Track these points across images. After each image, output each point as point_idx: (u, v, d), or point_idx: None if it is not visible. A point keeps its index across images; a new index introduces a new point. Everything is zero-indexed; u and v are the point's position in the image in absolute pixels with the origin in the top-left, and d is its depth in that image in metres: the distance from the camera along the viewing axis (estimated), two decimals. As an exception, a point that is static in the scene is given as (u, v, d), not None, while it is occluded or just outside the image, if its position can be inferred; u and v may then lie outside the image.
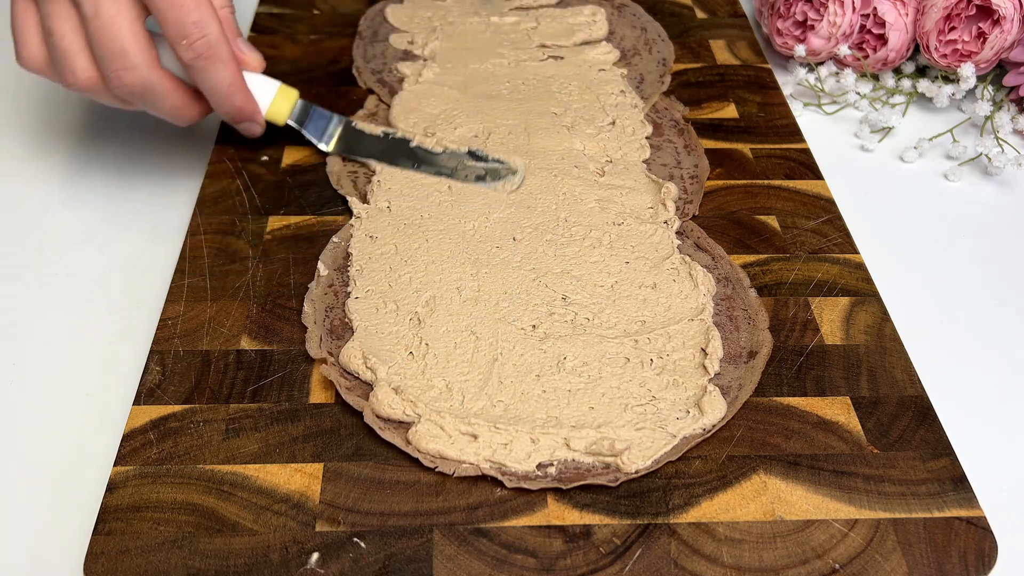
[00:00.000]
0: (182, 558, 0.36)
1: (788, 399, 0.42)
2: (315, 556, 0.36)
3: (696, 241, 0.50)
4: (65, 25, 0.46)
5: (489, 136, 0.56)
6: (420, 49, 0.64)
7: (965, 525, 0.38)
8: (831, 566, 0.36)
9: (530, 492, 0.38)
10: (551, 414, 0.41)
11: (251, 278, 0.47)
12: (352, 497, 0.38)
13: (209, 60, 0.48)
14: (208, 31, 0.47)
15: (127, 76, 0.47)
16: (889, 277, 0.51)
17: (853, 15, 0.63)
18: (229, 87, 0.49)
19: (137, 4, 0.46)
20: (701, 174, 0.54)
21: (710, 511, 0.38)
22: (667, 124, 0.59)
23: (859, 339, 0.45)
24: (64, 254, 0.52)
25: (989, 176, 0.60)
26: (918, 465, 0.40)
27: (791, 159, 0.57)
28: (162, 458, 0.39)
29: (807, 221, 0.52)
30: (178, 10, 0.46)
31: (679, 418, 0.41)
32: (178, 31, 0.46)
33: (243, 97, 0.51)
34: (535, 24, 0.67)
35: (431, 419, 0.40)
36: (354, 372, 0.42)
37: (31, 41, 0.48)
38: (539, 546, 0.37)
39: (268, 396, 0.42)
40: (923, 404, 0.42)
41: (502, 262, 0.48)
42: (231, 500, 0.38)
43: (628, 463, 0.39)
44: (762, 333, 0.45)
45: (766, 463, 0.40)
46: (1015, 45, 0.61)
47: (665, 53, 0.65)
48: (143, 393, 0.42)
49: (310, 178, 0.54)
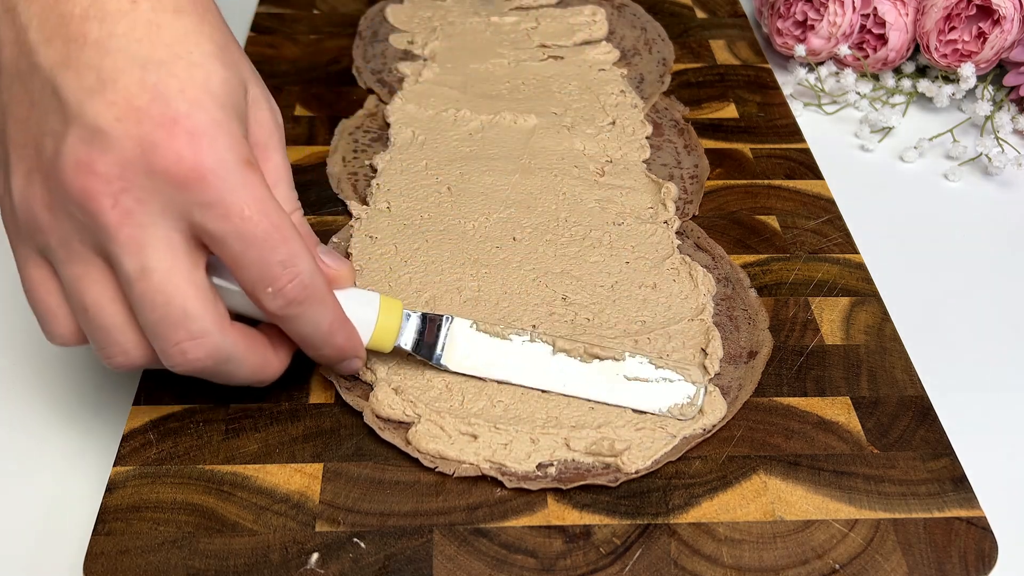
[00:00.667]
0: (182, 558, 0.36)
1: (788, 399, 0.42)
2: (315, 556, 0.36)
3: (696, 241, 0.50)
4: (102, 295, 0.34)
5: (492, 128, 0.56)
6: (420, 49, 0.64)
7: (965, 525, 0.38)
8: (831, 566, 0.36)
9: (530, 492, 0.38)
10: (551, 414, 0.41)
11: (251, 278, 0.47)
12: (352, 497, 0.38)
13: (304, 305, 0.35)
14: (300, 268, 0.34)
15: (194, 349, 0.34)
16: (889, 277, 0.51)
17: (853, 15, 0.63)
18: (330, 327, 0.37)
19: (194, 249, 0.34)
20: (701, 174, 0.54)
21: (710, 511, 0.38)
22: (667, 124, 0.59)
23: (859, 339, 0.45)
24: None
25: (989, 176, 0.60)
26: (918, 465, 0.40)
27: (791, 159, 0.57)
28: (162, 458, 0.39)
29: (807, 221, 0.52)
30: (259, 248, 0.34)
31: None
32: (261, 276, 0.34)
33: (345, 333, 0.38)
34: (535, 24, 0.67)
35: (431, 419, 0.40)
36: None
37: (59, 315, 0.36)
38: (539, 546, 0.37)
39: (268, 396, 0.42)
40: (923, 404, 0.42)
41: (502, 262, 0.48)
42: (231, 500, 0.38)
43: (628, 463, 0.39)
44: (762, 333, 0.45)
45: (766, 463, 0.40)
46: (1015, 45, 0.61)
47: (665, 53, 0.65)
48: (143, 393, 0.42)
49: (310, 178, 0.54)
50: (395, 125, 0.57)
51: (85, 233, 0.33)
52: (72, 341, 0.36)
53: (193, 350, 0.34)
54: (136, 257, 0.33)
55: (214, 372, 0.36)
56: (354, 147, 0.56)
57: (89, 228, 0.33)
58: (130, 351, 0.35)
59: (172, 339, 0.34)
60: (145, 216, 0.33)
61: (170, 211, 0.33)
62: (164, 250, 0.33)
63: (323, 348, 0.38)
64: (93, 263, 0.34)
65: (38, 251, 0.35)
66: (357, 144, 0.56)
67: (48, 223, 0.33)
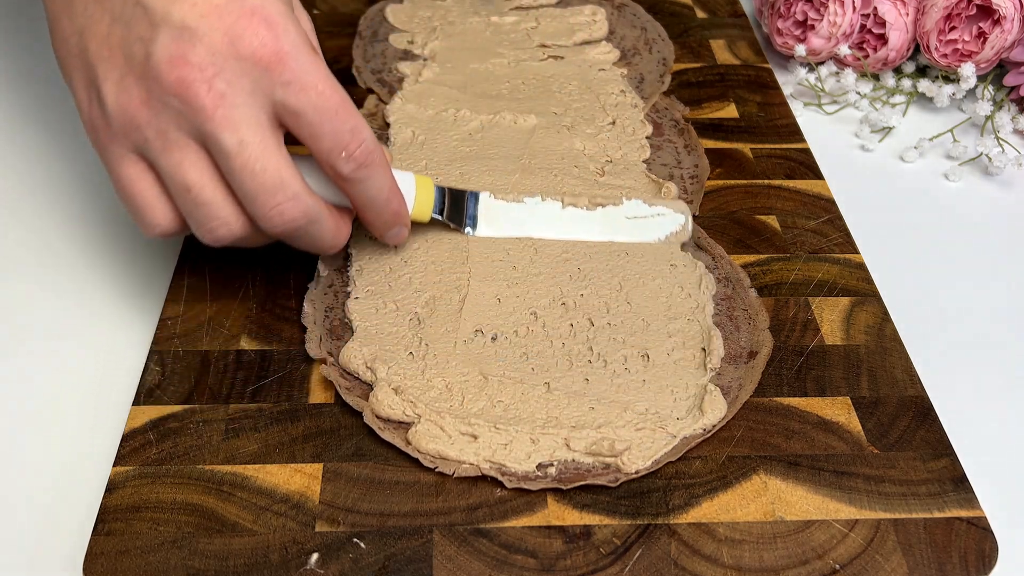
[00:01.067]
0: (182, 558, 0.36)
1: (788, 399, 0.42)
2: (315, 556, 0.36)
3: (696, 241, 0.50)
4: (202, 174, 0.39)
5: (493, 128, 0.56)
6: (420, 49, 0.64)
7: (965, 525, 0.38)
8: (831, 566, 0.36)
9: (530, 492, 0.38)
10: (551, 414, 0.41)
11: (251, 278, 0.47)
12: (352, 497, 0.38)
13: (370, 168, 0.41)
14: (365, 135, 0.40)
15: (290, 208, 0.39)
16: (889, 277, 0.51)
17: (853, 15, 0.63)
18: (389, 191, 0.43)
19: (277, 127, 0.39)
20: (701, 174, 0.54)
21: (710, 511, 0.38)
22: (667, 124, 0.58)
23: (859, 339, 0.45)
24: (64, 253, 0.52)
25: (989, 176, 0.60)
26: (918, 465, 0.40)
27: (791, 159, 0.57)
28: (162, 458, 0.39)
29: (807, 221, 0.52)
30: (333, 119, 0.39)
31: (679, 418, 0.41)
32: (336, 143, 0.39)
33: (398, 200, 0.44)
34: (535, 24, 0.66)
35: (431, 419, 0.40)
36: (354, 372, 0.42)
37: (156, 205, 0.40)
38: (539, 546, 0.37)
39: (268, 396, 0.42)
40: (923, 404, 0.42)
41: (502, 263, 0.48)
42: (231, 500, 0.38)
43: (628, 463, 0.39)
44: (762, 333, 0.45)
45: (766, 463, 0.40)
46: (1015, 45, 0.61)
47: (665, 53, 0.65)
48: (143, 393, 0.42)
49: (310, 178, 0.54)
50: (395, 125, 0.57)
51: (182, 120, 0.38)
52: (170, 228, 0.41)
53: (290, 210, 0.39)
54: (233, 133, 0.37)
55: (304, 232, 0.41)
56: (354, 147, 0.56)
57: (186, 115, 0.37)
58: (231, 222, 0.40)
59: (271, 202, 0.39)
60: (237, 97, 0.37)
61: (257, 91, 0.38)
62: (255, 126, 0.38)
63: (382, 212, 0.43)
64: (190, 147, 0.38)
65: (134, 149, 0.39)
66: (357, 144, 0.56)
67: (146, 118, 0.38)
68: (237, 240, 0.41)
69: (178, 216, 0.41)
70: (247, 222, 0.40)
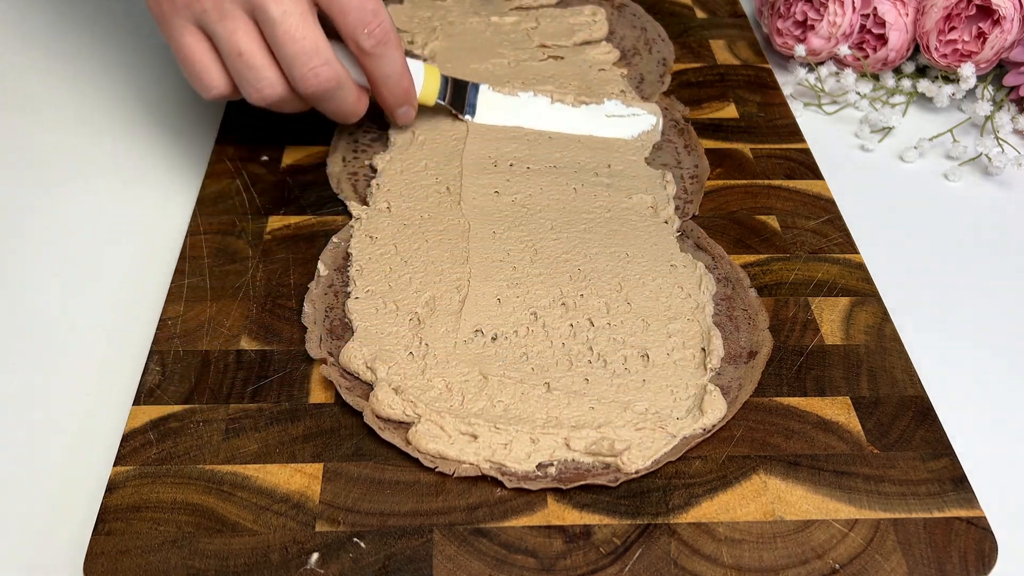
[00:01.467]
0: (182, 558, 0.36)
1: (788, 399, 0.42)
2: (315, 556, 0.36)
3: (696, 241, 0.50)
4: (252, 42, 0.46)
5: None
6: (420, 49, 0.64)
7: (965, 525, 0.38)
8: (831, 566, 0.36)
9: (530, 492, 0.38)
10: (551, 414, 0.41)
11: (251, 278, 0.47)
12: (352, 497, 0.38)
13: (387, 45, 0.48)
14: (383, 16, 0.47)
15: (324, 72, 0.47)
16: (889, 277, 0.51)
17: (853, 15, 0.63)
18: (402, 69, 0.50)
19: (311, 3, 0.47)
20: (701, 174, 0.54)
21: (710, 511, 0.38)
22: (667, 124, 0.59)
23: (859, 339, 0.45)
24: (63, 253, 0.52)
25: (989, 176, 0.60)
26: (918, 465, 0.40)
27: (791, 159, 0.57)
28: (162, 458, 0.39)
29: (807, 221, 0.52)
30: None
31: (679, 418, 0.41)
32: (360, 19, 0.47)
33: (409, 78, 0.51)
34: (535, 24, 0.67)
35: (431, 419, 0.40)
36: (354, 372, 0.42)
37: (212, 69, 0.48)
38: (539, 546, 0.37)
39: (268, 396, 0.42)
40: (923, 404, 0.42)
41: (502, 263, 0.48)
42: (231, 500, 0.38)
43: (628, 463, 0.39)
44: (762, 333, 0.45)
45: (766, 463, 0.40)
46: (1015, 45, 0.61)
47: (665, 53, 0.65)
48: (143, 393, 0.42)
49: (310, 178, 0.54)
50: (395, 125, 0.57)
51: None
52: (223, 90, 0.48)
53: (323, 72, 0.47)
54: (278, 5, 0.45)
55: (332, 95, 0.48)
56: (354, 147, 0.56)
57: None
58: (275, 83, 0.47)
59: (308, 65, 0.46)
60: None
61: None
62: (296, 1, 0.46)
63: (395, 88, 0.51)
64: (242, 19, 0.46)
65: (192, 20, 0.47)
66: (357, 144, 0.56)
67: None
68: (278, 101, 0.48)
69: (230, 80, 0.48)
70: (287, 86, 0.48)
